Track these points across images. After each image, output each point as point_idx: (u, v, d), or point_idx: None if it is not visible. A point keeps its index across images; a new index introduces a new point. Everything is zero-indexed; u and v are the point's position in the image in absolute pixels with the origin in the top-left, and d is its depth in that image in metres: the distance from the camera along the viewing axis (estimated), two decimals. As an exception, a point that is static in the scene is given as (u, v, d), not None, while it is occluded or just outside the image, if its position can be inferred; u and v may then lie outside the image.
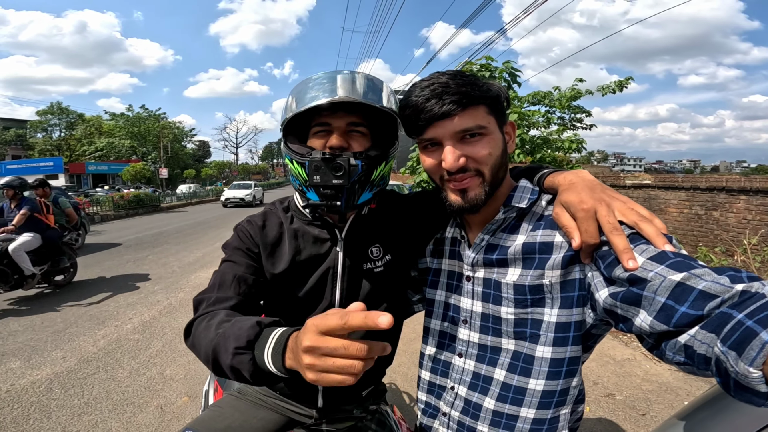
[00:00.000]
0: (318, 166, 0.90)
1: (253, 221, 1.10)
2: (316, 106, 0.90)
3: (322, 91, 0.92)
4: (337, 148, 0.93)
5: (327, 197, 0.92)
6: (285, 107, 1.02)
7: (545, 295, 0.85)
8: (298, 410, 1.18)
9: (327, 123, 0.96)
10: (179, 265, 7.68)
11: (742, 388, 0.51)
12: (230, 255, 1.04)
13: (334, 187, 0.90)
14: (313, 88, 0.95)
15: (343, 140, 0.95)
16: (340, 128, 0.95)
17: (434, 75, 0.89)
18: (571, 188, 0.84)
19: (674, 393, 3.09)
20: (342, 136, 0.95)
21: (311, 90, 0.94)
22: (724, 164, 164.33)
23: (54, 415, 2.84)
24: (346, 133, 0.96)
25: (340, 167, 0.89)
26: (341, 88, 0.92)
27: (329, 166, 0.89)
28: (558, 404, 0.88)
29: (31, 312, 5.04)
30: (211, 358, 0.80)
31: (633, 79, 6.32)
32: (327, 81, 0.95)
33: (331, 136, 0.95)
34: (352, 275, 1.06)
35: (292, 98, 0.98)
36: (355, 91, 0.93)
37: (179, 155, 49.62)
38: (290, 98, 0.99)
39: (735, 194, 7.28)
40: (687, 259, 0.66)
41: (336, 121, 0.95)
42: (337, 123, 0.95)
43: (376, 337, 1.09)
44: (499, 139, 0.89)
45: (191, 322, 0.90)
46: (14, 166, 34.75)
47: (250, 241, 1.05)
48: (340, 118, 0.95)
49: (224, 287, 0.96)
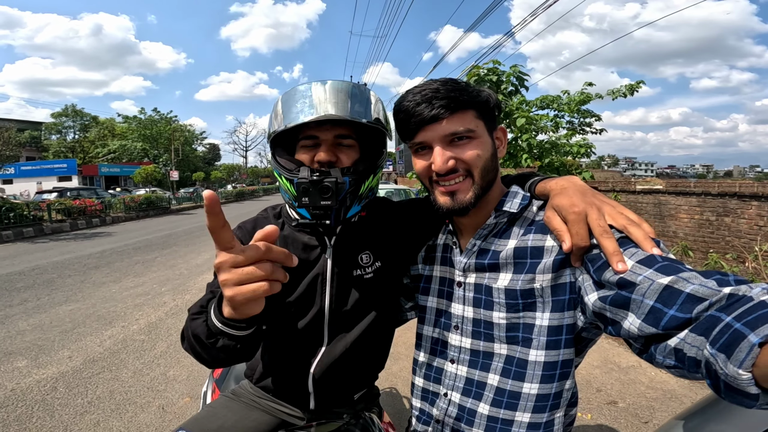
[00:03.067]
0: (306, 188, 0.91)
1: (243, 227, 1.11)
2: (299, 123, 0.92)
3: (309, 106, 0.94)
4: (325, 162, 0.95)
5: (317, 216, 0.94)
6: (271, 117, 1.03)
7: (536, 299, 0.86)
8: (290, 412, 1.18)
9: (314, 136, 0.97)
10: (187, 267, 7.75)
11: (732, 389, 0.51)
12: None
13: (321, 207, 0.91)
14: (299, 101, 0.96)
15: (331, 154, 0.96)
16: (327, 141, 0.97)
17: (427, 82, 0.91)
18: (563, 192, 0.85)
19: (679, 400, 3.03)
20: (330, 149, 0.96)
21: (298, 104, 0.95)
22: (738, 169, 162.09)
23: (57, 413, 2.88)
24: (334, 146, 0.97)
25: (328, 189, 0.90)
26: (328, 103, 0.94)
27: (317, 188, 0.91)
28: (553, 407, 0.88)
29: (40, 311, 5.11)
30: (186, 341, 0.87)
31: (644, 83, 6.25)
32: (314, 94, 0.96)
33: (319, 150, 0.96)
34: (341, 282, 1.06)
35: (279, 110, 0.99)
36: (343, 105, 0.94)
37: (190, 158, 50.21)
38: (277, 109, 1.00)
39: (747, 200, 7.15)
40: (675, 263, 0.66)
41: (323, 134, 0.97)
42: (324, 136, 0.97)
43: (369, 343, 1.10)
44: (488, 143, 0.90)
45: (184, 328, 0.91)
46: (29, 167, 35.51)
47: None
48: (328, 131, 0.96)
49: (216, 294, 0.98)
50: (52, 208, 13.93)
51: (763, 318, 0.48)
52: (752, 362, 0.47)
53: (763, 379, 0.47)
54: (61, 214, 14.40)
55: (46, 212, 13.60)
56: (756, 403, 0.50)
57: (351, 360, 1.10)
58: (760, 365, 0.47)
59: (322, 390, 1.12)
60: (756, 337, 0.47)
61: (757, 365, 0.47)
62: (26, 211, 12.77)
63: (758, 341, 0.47)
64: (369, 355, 1.16)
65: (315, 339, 1.08)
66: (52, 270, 7.46)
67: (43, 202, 14.96)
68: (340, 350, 1.07)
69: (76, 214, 14.96)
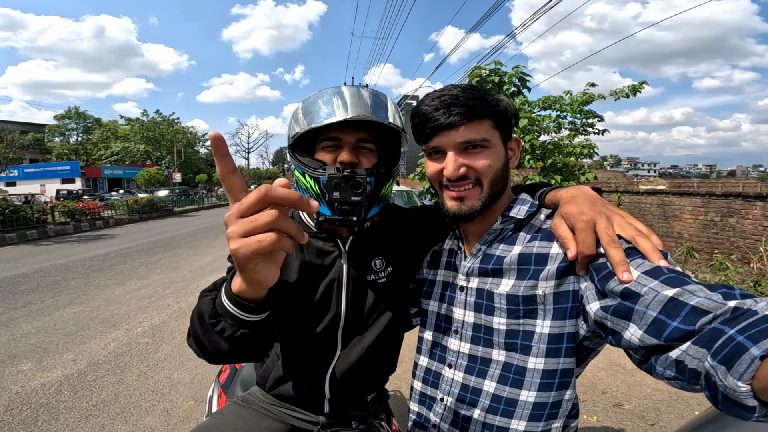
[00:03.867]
0: (338, 183, 0.91)
1: None
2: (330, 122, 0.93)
3: (336, 108, 0.95)
4: (348, 163, 0.96)
5: (344, 212, 0.94)
6: (292, 120, 1.05)
7: (538, 306, 0.85)
8: (303, 417, 1.18)
9: (337, 138, 0.99)
10: (190, 270, 7.76)
11: (730, 401, 0.51)
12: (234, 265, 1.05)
13: (352, 203, 0.92)
14: (326, 103, 0.98)
15: (353, 156, 0.98)
16: (350, 143, 0.99)
17: (447, 87, 0.92)
18: (572, 201, 0.85)
19: (685, 403, 3.02)
20: (352, 151, 0.98)
21: (325, 106, 0.97)
22: (741, 169, 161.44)
23: (62, 417, 2.88)
24: (355, 149, 0.99)
25: (360, 185, 0.91)
26: (355, 106, 0.95)
27: (349, 184, 0.91)
28: (549, 417, 0.88)
29: (44, 314, 5.12)
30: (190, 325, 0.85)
31: (647, 83, 6.25)
32: (338, 97, 0.98)
33: (342, 152, 0.98)
34: (356, 286, 1.08)
35: (301, 113, 1.01)
36: (367, 108, 0.96)
37: (192, 160, 50.34)
38: (299, 112, 1.02)
39: (751, 200, 7.12)
40: (681, 275, 0.66)
41: (347, 136, 0.98)
42: (347, 138, 0.98)
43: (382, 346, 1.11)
44: (501, 153, 0.92)
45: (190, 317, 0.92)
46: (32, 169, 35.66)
47: None
48: (351, 134, 0.98)
49: None
50: (55, 210, 13.98)
51: (766, 331, 0.48)
52: (752, 375, 0.47)
53: (761, 392, 0.47)
54: (65, 216, 14.44)
55: (49, 214, 13.64)
56: (753, 416, 0.50)
57: (366, 363, 1.10)
58: (759, 378, 0.47)
59: (337, 394, 1.12)
60: (758, 350, 0.47)
61: (756, 378, 0.47)
62: (30, 214, 12.81)
63: (760, 354, 0.47)
64: (382, 359, 1.17)
65: (331, 344, 1.09)
66: (55, 272, 7.48)
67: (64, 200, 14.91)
68: (356, 354, 1.08)
69: (79, 216, 15.00)
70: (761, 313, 0.51)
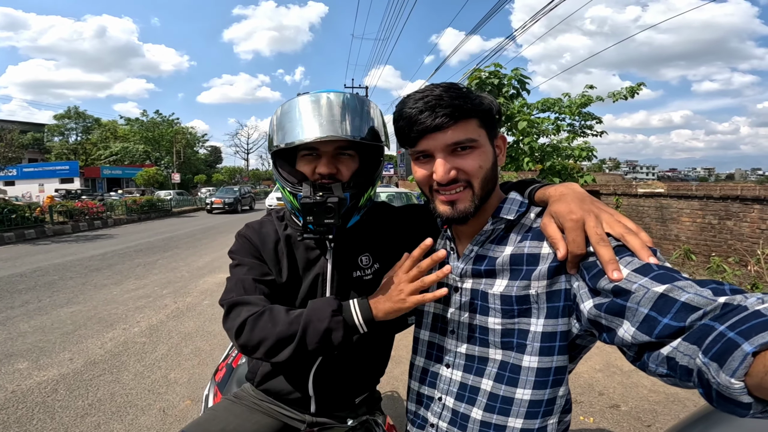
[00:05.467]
0: (311, 208, 0.95)
1: (251, 226, 1.16)
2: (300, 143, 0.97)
3: (307, 126, 0.97)
4: (326, 175, 0.99)
5: (320, 232, 1.00)
6: (271, 127, 1.07)
7: (531, 305, 0.86)
8: (291, 415, 1.19)
9: (315, 148, 1.01)
10: (188, 270, 7.75)
11: (724, 399, 0.51)
12: (241, 260, 1.08)
13: (325, 224, 0.96)
14: (299, 118, 0.99)
15: (331, 166, 1.00)
16: (328, 154, 1.01)
17: (428, 87, 0.90)
18: (561, 199, 0.85)
19: (681, 404, 3.02)
20: (330, 161, 1.00)
21: (297, 120, 0.99)
22: (740, 172, 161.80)
23: (58, 415, 2.88)
24: (334, 158, 1.01)
25: (331, 210, 0.95)
26: (328, 123, 0.97)
27: (321, 209, 0.95)
28: (545, 414, 0.88)
29: (41, 313, 5.11)
30: (299, 334, 0.90)
31: (645, 85, 6.26)
32: (311, 114, 0.99)
33: (320, 163, 1.00)
34: (341, 282, 1.09)
35: (279, 124, 1.03)
36: (341, 122, 0.98)
37: (191, 160, 50.34)
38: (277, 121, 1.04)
39: (749, 203, 7.13)
40: (670, 272, 0.66)
41: (324, 147, 1.01)
42: (325, 149, 1.01)
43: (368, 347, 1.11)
44: (489, 152, 0.91)
45: (244, 321, 0.94)
46: (31, 169, 35.62)
47: (253, 245, 1.10)
48: (328, 144, 1.00)
49: (249, 291, 1.01)
50: (54, 210, 13.96)
51: (758, 327, 0.48)
52: (745, 371, 0.47)
53: (755, 388, 0.47)
54: (63, 216, 14.42)
55: (48, 214, 13.62)
56: (748, 412, 0.49)
57: (351, 364, 1.11)
58: (752, 374, 0.47)
59: (322, 393, 1.13)
60: (750, 347, 0.47)
61: (750, 374, 0.47)
62: (28, 213, 12.79)
63: (752, 350, 0.46)
64: (369, 360, 1.18)
65: None
66: (53, 272, 7.47)
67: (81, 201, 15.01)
68: (340, 354, 1.07)
69: (77, 215, 14.98)
70: (751, 309, 0.51)
